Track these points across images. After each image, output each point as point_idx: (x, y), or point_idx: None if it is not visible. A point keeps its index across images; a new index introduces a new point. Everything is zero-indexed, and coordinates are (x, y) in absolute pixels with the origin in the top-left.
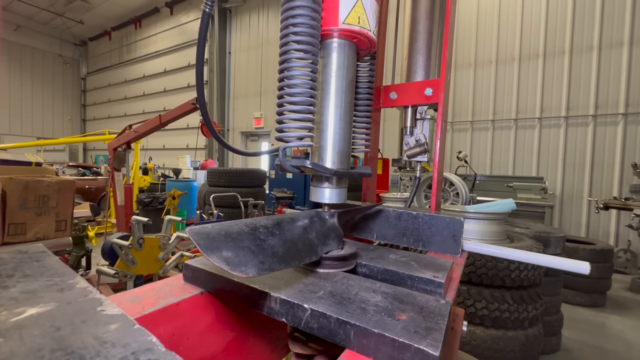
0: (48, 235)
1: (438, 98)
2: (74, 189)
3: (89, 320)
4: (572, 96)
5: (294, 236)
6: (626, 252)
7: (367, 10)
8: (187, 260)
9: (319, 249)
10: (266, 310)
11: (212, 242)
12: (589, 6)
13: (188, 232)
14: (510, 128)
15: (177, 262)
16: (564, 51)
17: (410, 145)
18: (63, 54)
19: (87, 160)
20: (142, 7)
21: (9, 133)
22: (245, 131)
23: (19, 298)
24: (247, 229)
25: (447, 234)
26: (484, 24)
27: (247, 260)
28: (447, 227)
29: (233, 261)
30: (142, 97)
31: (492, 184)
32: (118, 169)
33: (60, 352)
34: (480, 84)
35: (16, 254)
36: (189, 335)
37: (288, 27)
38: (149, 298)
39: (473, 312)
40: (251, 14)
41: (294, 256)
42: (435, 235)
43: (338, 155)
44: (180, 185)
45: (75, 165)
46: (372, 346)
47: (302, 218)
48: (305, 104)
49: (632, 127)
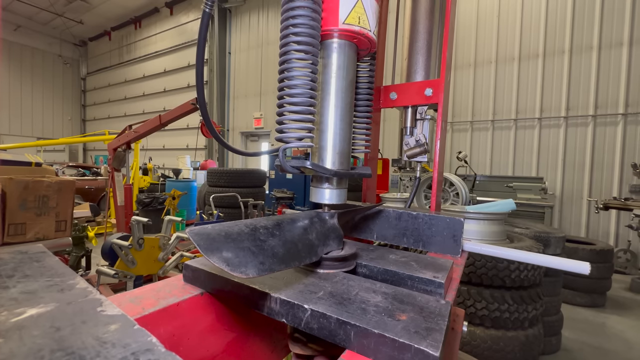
0: (48, 236)
1: (438, 98)
2: (73, 189)
3: (89, 321)
4: (571, 96)
5: (294, 237)
6: (626, 252)
7: (367, 10)
8: (187, 261)
9: (319, 250)
10: (266, 310)
11: (212, 242)
12: (588, 6)
13: (188, 232)
14: (510, 128)
15: (177, 262)
16: (563, 51)
17: (410, 146)
18: (63, 54)
19: (87, 160)
20: (142, 7)
21: (9, 133)
22: (245, 131)
23: (19, 298)
24: (247, 230)
25: (447, 234)
26: (483, 24)
27: (247, 261)
28: (447, 227)
29: (233, 262)
30: (142, 97)
31: (492, 184)
32: (118, 169)
33: (60, 353)
34: (480, 84)
35: (16, 254)
36: (189, 335)
37: (288, 27)
38: (149, 298)
39: (473, 312)
40: (251, 14)
41: (294, 257)
42: (435, 236)
43: (338, 156)
44: (180, 186)
45: (75, 165)
46: (372, 346)
47: (302, 219)
48: (306, 105)
49: (631, 127)
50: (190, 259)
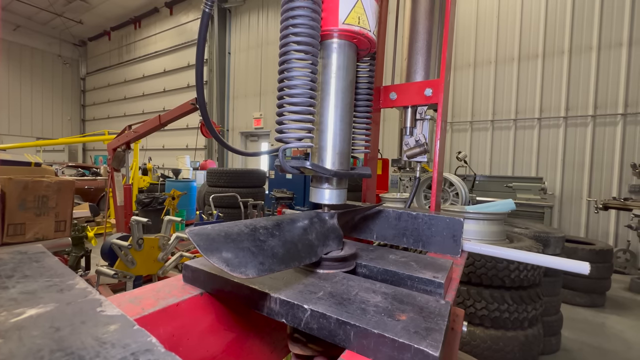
0: (47, 236)
1: (438, 98)
2: (73, 189)
3: (89, 321)
4: (571, 96)
5: (294, 237)
6: (625, 252)
7: (367, 10)
8: (186, 261)
9: (318, 250)
10: (266, 311)
11: (212, 243)
12: (588, 6)
13: (188, 233)
14: (509, 128)
15: (176, 262)
16: (563, 51)
17: (410, 146)
18: (62, 54)
19: (86, 160)
20: (142, 7)
21: (8, 133)
22: (245, 131)
23: (19, 299)
24: (246, 230)
25: (447, 234)
26: (483, 25)
27: (247, 261)
28: (446, 227)
29: (233, 262)
30: (141, 97)
31: (492, 184)
32: (117, 170)
33: (59, 353)
34: (479, 84)
35: (15, 254)
36: (189, 336)
37: (288, 27)
38: (149, 299)
39: (473, 312)
40: (251, 14)
41: (294, 257)
42: (435, 236)
43: (338, 156)
44: (179, 186)
45: (75, 165)
46: (372, 347)
47: (302, 219)
48: (305, 105)
49: (631, 127)
50: (190, 259)
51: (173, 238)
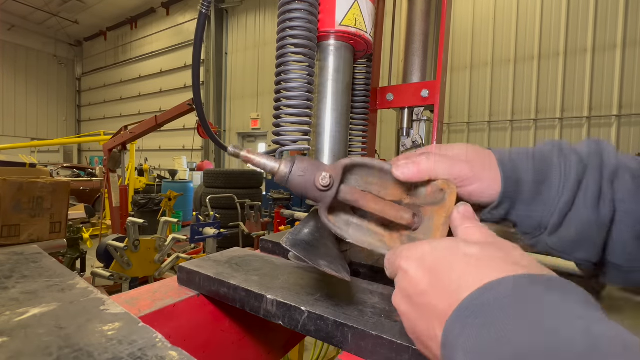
0: (42, 237)
1: (434, 99)
2: (68, 190)
3: (94, 319)
4: (566, 98)
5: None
6: None
7: (364, 12)
8: (182, 263)
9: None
10: (262, 313)
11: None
12: (582, 9)
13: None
14: (506, 129)
15: (173, 264)
16: (558, 53)
17: (407, 147)
18: (58, 54)
19: (82, 161)
20: (138, 8)
21: (3, 134)
22: (242, 132)
23: (20, 298)
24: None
25: None
26: (479, 27)
27: (339, 267)
28: None
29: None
30: (137, 97)
31: None
32: (113, 170)
33: (68, 350)
34: (476, 86)
35: (12, 255)
36: (185, 337)
37: (285, 29)
38: (145, 300)
39: None
40: (248, 14)
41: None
42: None
43: (335, 158)
44: (176, 187)
45: (70, 166)
46: (369, 348)
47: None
48: (302, 107)
49: (625, 128)
50: (186, 261)
51: (169, 239)
